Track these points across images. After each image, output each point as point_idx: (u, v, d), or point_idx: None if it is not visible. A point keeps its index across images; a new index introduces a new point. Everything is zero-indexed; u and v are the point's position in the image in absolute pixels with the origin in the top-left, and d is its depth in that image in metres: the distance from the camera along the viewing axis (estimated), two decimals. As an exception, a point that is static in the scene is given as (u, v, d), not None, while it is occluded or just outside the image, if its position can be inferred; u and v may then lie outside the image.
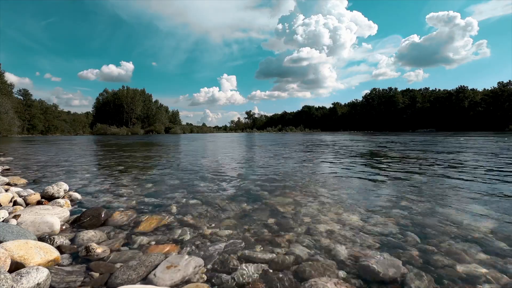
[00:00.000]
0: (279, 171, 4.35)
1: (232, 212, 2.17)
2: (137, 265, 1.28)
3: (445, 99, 67.80)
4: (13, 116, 49.85)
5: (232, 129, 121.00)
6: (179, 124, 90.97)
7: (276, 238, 1.66)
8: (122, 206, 2.33)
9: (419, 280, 1.19)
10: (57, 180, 3.30)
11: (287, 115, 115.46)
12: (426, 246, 1.52)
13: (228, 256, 1.43)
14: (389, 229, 1.78)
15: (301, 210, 2.21)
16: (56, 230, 1.70)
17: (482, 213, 2.08)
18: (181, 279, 1.21)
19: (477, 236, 1.65)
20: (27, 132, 57.97)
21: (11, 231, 1.46)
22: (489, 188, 2.91)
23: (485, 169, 4.23)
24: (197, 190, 2.97)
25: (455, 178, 3.49)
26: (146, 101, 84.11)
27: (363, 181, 3.43)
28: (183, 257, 1.38)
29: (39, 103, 65.77)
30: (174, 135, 45.76)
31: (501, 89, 59.42)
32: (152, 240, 1.64)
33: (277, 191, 2.91)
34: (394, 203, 2.40)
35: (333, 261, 1.37)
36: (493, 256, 1.40)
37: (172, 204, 2.40)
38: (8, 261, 1.16)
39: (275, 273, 1.27)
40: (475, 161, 5.32)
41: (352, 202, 2.44)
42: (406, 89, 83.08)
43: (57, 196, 2.47)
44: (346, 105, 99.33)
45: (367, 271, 1.27)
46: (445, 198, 2.53)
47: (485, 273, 1.24)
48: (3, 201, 2.22)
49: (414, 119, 72.61)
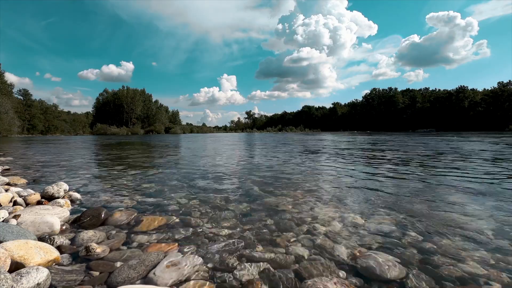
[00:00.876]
0: (279, 170, 4.35)
1: (232, 212, 2.18)
2: (137, 264, 1.28)
3: (445, 99, 67.77)
4: (13, 116, 49.85)
5: (232, 129, 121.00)
6: (179, 124, 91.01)
7: (276, 237, 1.66)
8: (122, 206, 2.33)
9: (419, 280, 1.19)
10: (57, 180, 3.31)
11: (287, 115, 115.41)
12: (426, 246, 1.52)
13: (228, 255, 1.43)
14: (389, 229, 1.78)
15: (302, 210, 2.21)
16: (56, 230, 1.70)
17: (482, 213, 2.08)
18: (181, 278, 1.21)
19: (477, 236, 1.65)
20: (27, 132, 57.96)
21: (11, 231, 1.46)
22: (489, 188, 2.91)
23: (485, 170, 4.23)
24: (197, 190, 2.97)
25: (455, 178, 3.49)
26: (146, 101, 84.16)
27: (363, 181, 3.43)
28: (183, 256, 1.38)
29: (39, 103, 65.78)
30: (174, 135, 45.75)
31: (501, 89, 59.38)
32: (152, 239, 1.64)
33: (277, 190, 2.91)
34: (394, 203, 2.40)
35: (333, 260, 1.37)
36: (493, 256, 1.40)
37: (172, 204, 2.40)
38: (8, 261, 1.16)
39: (275, 272, 1.27)
40: (475, 161, 5.32)
41: (352, 202, 2.44)
42: (406, 89, 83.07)
43: (57, 196, 2.47)
44: (346, 105, 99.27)
45: (367, 271, 1.27)
46: (445, 198, 2.53)
47: (485, 273, 1.24)
48: (3, 201, 2.22)
49: (414, 119, 72.57)
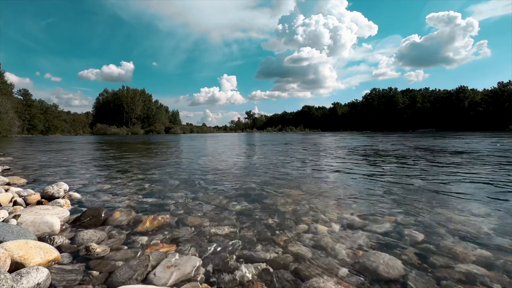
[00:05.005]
0: (279, 170, 4.35)
1: (232, 212, 2.18)
2: (137, 264, 1.28)
3: (445, 99, 67.74)
4: (13, 116, 49.82)
5: (232, 129, 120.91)
6: (179, 124, 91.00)
7: (276, 237, 1.66)
8: (122, 206, 2.33)
9: (419, 280, 1.19)
10: (57, 180, 3.31)
11: (287, 115, 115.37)
12: (426, 246, 1.52)
13: (228, 255, 1.43)
14: (389, 229, 1.78)
15: (301, 210, 2.21)
16: (56, 230, 1.70)
17: (482, 213, 2.08)
18: (181, 279, 1.21)
19: (478, 236, 1.65)
20: (27, 132, 57.94)
21: (11, 231, 1.46)
22: (489, 188, 2.91)
23: (485, 169, 4.23)
24: (197, 190, 2.97)
25: (454, 178, 3.49)
26: (146, 101, 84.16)
27: (363, 181, 3.43)
28: (183, 256, 1.39)
29: (39, 103, 65.74)
30: (174, 135, 45.75)
31: (501, 89, 59.34)
32: (152, 239, 1.64)
33: (277, 190, 2.91)
34: (394, 203, 2.40)
35: (333, 260, 1.37)
36: (493, 255, 1.40)
37: (172, 204, 2.40)
38: (8, 261, 1.16)
39: (275, 272, 1.27)
40: (475, 161, 5.32)
41: (352, 202, 2.44)
42: (406, 89, 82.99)
43: (57, 196, 2.47)
44: (346, 105, 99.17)
45: (367, 271, 1.27)
46: (445, 198, 2.53)
47: (485, 273, 1.24)
48: (3, 201, 2.22)
49: (414, 119, 72.55)
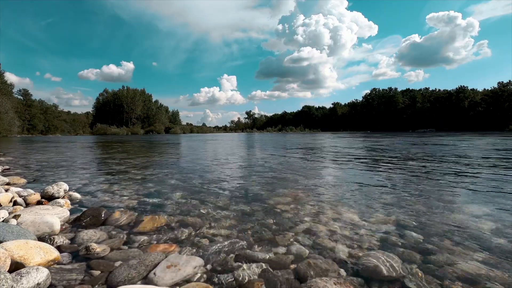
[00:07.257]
0: (279, 171, 4.35)
1: (232, 212, 2.17)
2: (137, 264, 1.28)
3: (445, 99, 67.70)
4: (13, 116, 49.79)
5: (232, 129, 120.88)
6: (179, 124, 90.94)
7: (276, 237, 1.66)
8: (122, 206, 2.33)
9: (419, 279, 1.19)
10: (57, 180, 3.30)
11: (287, 115, 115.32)
12: (426, 246, 1.52)
13: (228, 255, 1.43)
14: (389, 229, 1.78)
15: (301, 210, 2.21)
16: (56, 230, 1.70)
17: (482, 213, 2.08)
18: (181, 279, 1.21)
19: (478, 236, 1.65)
20: (27, 132, 57.91)
21: (11, 231, 1.46)
22: (488, 187, 2.91)
23: (485, 169, 4.23)
24: (197, 190, 2.97)
25: (455, 178, 3.49)
26: (146, 101, 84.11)
27: (363, 181, 3.43)
28: (183, 256, 1.38)
29: (39, 103, 65.69)
30: (174, 135, 45.75)
31: (501, 89, 59.29)
32: (152, 239, 1.64)
33: (277, 190, 2.91)
34: (394, 202, 2.39)
35: (333, 260, 1.37)
36: (494, 255, 1.40)
37: (172, 204, 2.40)
38: (8, 261, 1.16)
39: (275, 272, 1.27)
40: (475, 161, 5.32)
41: (352, 202, 2.44)
42: (406, 89, 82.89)
43: (57, 196, 2.47)
44: (346, 105, 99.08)
45: (367, 271, 1.27)
46: (444, 198, 2.53)
47: (485, 273, 1.24)
48: (3, 201, 2.22)
49: (414, 119, 72.50)
